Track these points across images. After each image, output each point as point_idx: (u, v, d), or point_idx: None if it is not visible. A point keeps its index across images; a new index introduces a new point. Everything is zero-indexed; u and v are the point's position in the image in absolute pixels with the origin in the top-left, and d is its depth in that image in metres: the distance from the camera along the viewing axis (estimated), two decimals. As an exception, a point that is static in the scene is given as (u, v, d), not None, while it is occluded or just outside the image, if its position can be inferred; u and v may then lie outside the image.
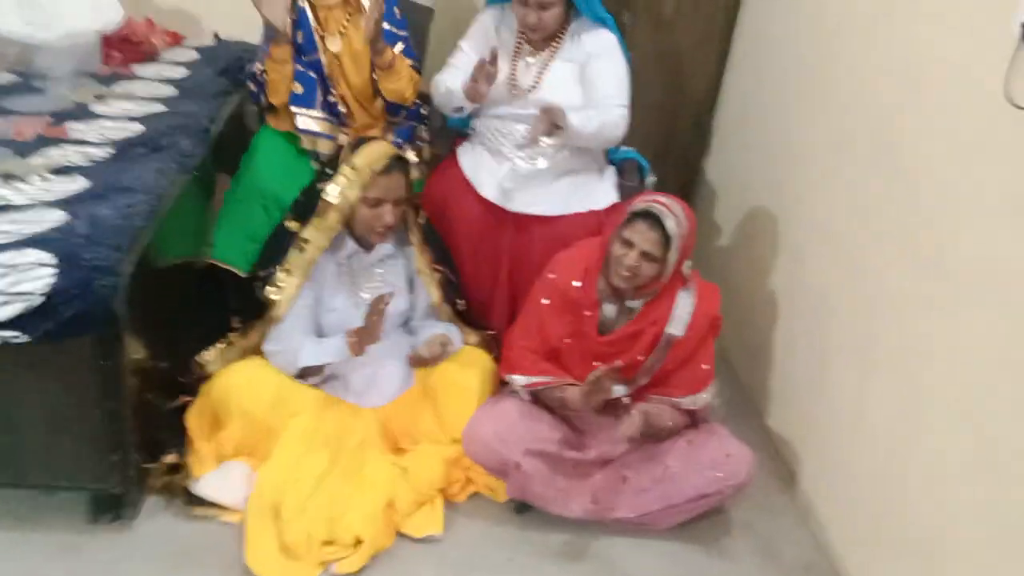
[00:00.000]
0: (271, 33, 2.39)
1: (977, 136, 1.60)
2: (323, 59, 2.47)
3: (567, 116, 2.18)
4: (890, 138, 1.91)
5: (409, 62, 2.54)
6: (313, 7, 2.47)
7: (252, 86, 2.52)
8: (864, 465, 1.93)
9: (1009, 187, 1.50)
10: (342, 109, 2.54)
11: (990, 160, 1.56)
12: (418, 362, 2.11)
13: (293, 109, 2.48)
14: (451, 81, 2.38)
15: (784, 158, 2.50)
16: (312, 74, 2.48)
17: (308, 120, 2.49)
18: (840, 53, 2.21)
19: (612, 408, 2.04)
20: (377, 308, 1.95)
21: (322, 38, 2.48)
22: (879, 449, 1.87)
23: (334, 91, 2.51)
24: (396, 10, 2.56)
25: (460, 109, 2.41)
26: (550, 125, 2.17)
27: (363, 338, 1.98)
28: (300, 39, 2.44)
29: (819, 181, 2.24)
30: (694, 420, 2.08)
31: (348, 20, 2.50)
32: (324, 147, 2.48)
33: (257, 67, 2.46)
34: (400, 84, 2.49)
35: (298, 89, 2.48)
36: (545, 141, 2.28)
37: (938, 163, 1.73)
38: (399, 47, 2.52)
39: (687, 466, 1.99)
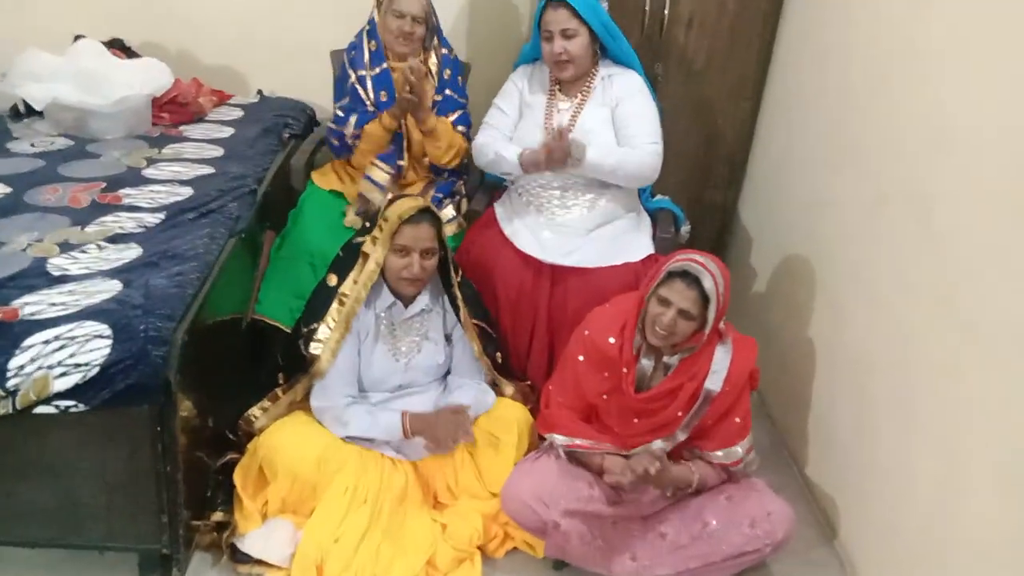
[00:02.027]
0: (358, 99, 2.54)
1: (1008, 199, 1.60)
2: (404, 120, 2.57)
3: (585, 148, 2.27)
4: (922, 198, 1.92)
5: (462, 129, 2.63)
6: (392, 68, 2.57)
7: (335, 142, 2.63)
8: (907, 523, 1.91)
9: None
10: (405, 163, 2.63)
11: (1021, 224, 1.56)
12: (434, 449, 2.12)
13: (375, 161, 2.59)
14: (500, 146, 2.44)
15: (819, 210, 2.50)
16: (399, 132, 2.59)
17: (379, 173, 2.58)
18: (869, 111, 2.22)
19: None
20: (454, 421, 2.06)
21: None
22: (921, 509, 1.85)
23: (405, 145, 2.63)
24: (460, 79, 2.67)
25: (508, 173, 2.48)
26: (565, 154, 2.25)
27: (420, 430, 2.06)
28: (384, 99, 2.56)
29: (855, 235, 2.25)
30: (731, 474, 2.08)
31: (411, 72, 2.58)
32: (377, 198, 2.56)
33: (350, 130, 2.57)
34: (438, 151, 2.59)
35: (390, 149, 2.60)
36: (558, 169, 2.34)
37: (970, 225, 1.73)
38: (457, 114, 2.63)
39: (727, 523, 1.98)
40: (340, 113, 2.61)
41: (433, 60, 2.63)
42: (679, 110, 2.90)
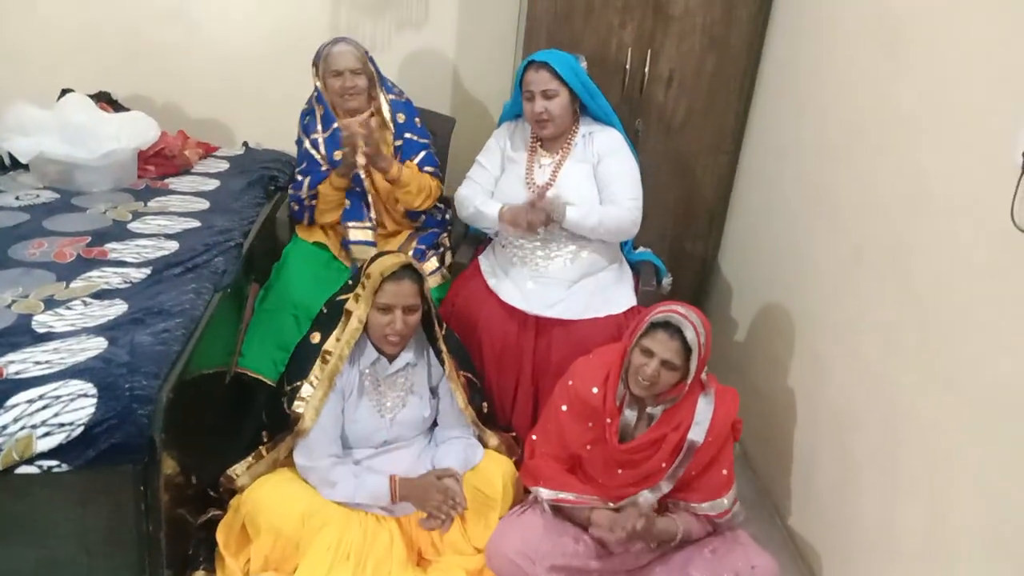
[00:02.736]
0: (312, 160, 2.54)
1: (986, 259, 1.64)
2: (360, 173, 2.60)
3: (565, 208, 2.34)
4: (901, 258, 1.95)
5: (430, 169, 2.66)
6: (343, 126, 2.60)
7: (295, 207, 2.67)
8: (892, 576, 1.92)
9: (1020, 311, 1.54)
10: (373, 214, 2.65)
11: (1000, 283, 1.59)
12: (431, 528, 2.07)
13: (346, 223, 2.62)
14: (480, 201, 2.50)
15: (797, 263, 2.55)
16: (357, 187, 2.60)
17: (358, 232, 2.61)
18: (844, 168, 2.28)
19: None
20: (444, 491, 2.03)
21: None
22: (905, 565, 1.86)
23: (370, 200, 2.65)
24: (416, 120, 2.70)
25: (488, 228, 2.52)
26: (545, 216, 2.32)
27: (407, 496, 2.04)
28: (338, 158, 2.58)
29: (834, 289, 2.29)
30: (716, 526, 2.09)
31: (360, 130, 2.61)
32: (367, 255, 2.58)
33: (304, 193, 2.61)
34: (409, 197, 2.62)
35: (347, 204, 2.61)
36: (540, 231, 2.40)
37: (949, 285, 1.76)
38: (421, 155, 2.66)
39: (712, 578, 1.98)
40: (298, 178, 2.66)
41: (385, 108, 2.66)
42: (659, 164, 2.96)
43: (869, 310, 2.09)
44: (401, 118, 2.67)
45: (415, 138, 2.68)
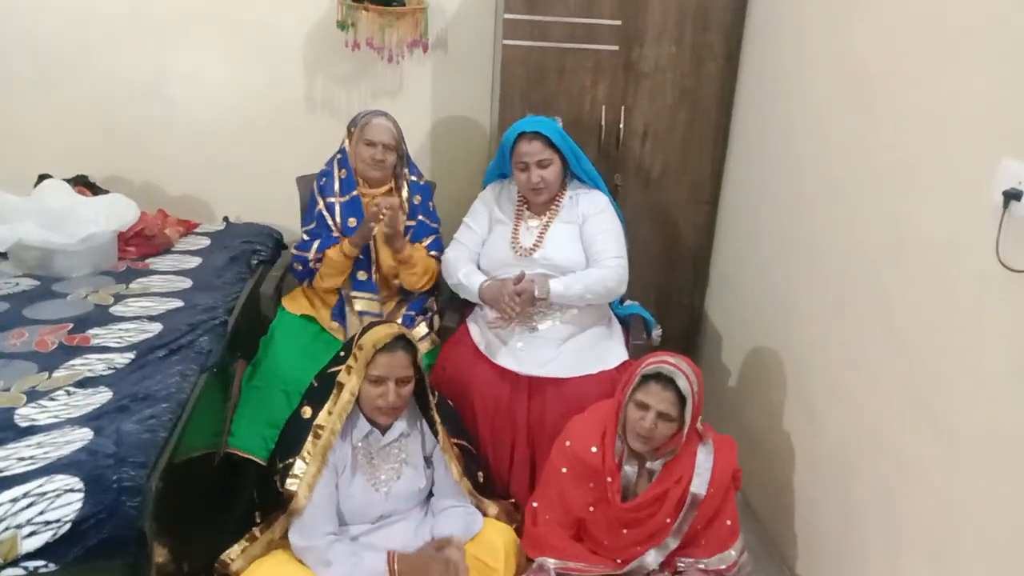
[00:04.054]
0: (324, 224, 2.58)
1: (972, 301, 1.65)
2: (370, 243, 2.61)
3: (548, 284, 2.37)
4: (884, 305, 1.96)
5: (435, 254, 2.68)
6: (361, 194, 2.61)
7: (298, 267, 2.66)
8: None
9: (1009, 351, 1.54)
10: (374, 282, 2.67)
11: (987, 323, 1.60)
12: None
13: (356, 294, 2.62)
14: (464, 273, 2.52)
15: (783, 311, 2.55)
16: (365, 259, 2.62)
17: (368, 303, 2.63)
18: (823, 220, 2.30)
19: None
20: (442, 568, 1.98)
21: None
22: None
23: (373, 268, 2.67)
24: (431, 204, 2.73)
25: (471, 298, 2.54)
26: (530, 298, 2.35)
27: (408, 572, 1.98)
28: (352, 225, 2.61)
29: (820, 337, 2.29)
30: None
31: (388, 209, 2.63)
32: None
33: (311, 255, 2.61)
34: (413, 278, 2.64)
35: (362, 276, 2.64)
36: (529, 311, 2.42)
37: (933, 329, 1.77)
38: (431, 239, 2.69)
39: (724, 636, 1.94)
40: (305, 237, 2.65)
41: (405, 188, 2.70)
42: (640, 217, 2.99)
43: (857, 357, 2.09)
44: (417, 200, 2.71)
45: (427, 222, 2.72)
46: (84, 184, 3.09)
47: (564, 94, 2.93)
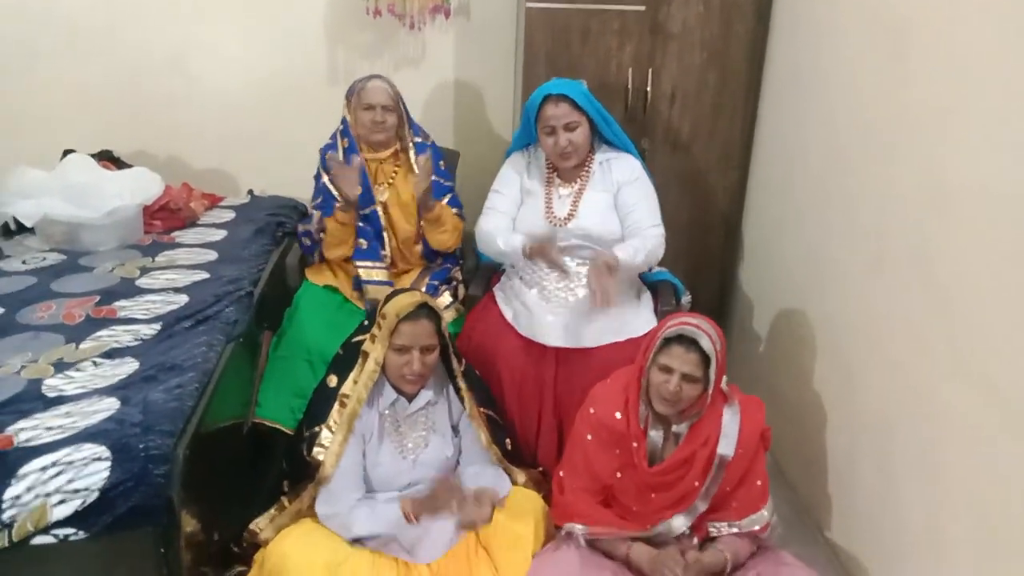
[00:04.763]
0: (329, 195, 2.51)
1: (1015, 250, 1.59)
2: (379, 210, 2.58)
3: (617, 256, 2.27)
4: (925, 258, 1.91)
5: (455, 211, 2.64)
6: (367, 161, 2.59)
7: (306, 241, 2.64)
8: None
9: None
10: (387, 253, 2.63)
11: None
12: (468, 526, 2.06)
13: (358, 263, 2.58)
14: (503, 239, 2.44)
15: (818, 271, 2.49)
16: (370, 228, 2.57)
17: (373, 272, 2.59)
18: (858, 173, 2.24)
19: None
20: (445, 488, 1.97)
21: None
22: (959, 572, 1.78)
23: (386, 237, 2.63)
24: (441, 163, 2.69)
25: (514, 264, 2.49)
26: (607, 273, 2.23)
27: (420, 511, 1.98)
28: (359, 191, 2.56)
29: (858, 296, 2.23)
30: (759, 543, 2.01)
31: (396, 172, 2.62)
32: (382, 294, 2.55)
33: (314, 227, 2.58)
34: (444, 235, 2.61)
35: (363, 244, 2.61)
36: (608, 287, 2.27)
37: (977, 282, 1.71)
38: (447, 197, 2.65)
39: (758, 604, 1.90)
40: (312, 212, 2.64)
41: (411, 150, 2.66)
42: (669, 182, 2.92)
43: (896, 314, 2.03)
44: (421, 161, 2.66)
45: (440, 180, 2.68)
46: (108, 159, 3.09)
47: (590, 57, 2.87)
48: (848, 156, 2.31)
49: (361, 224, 2.60)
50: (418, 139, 2.70)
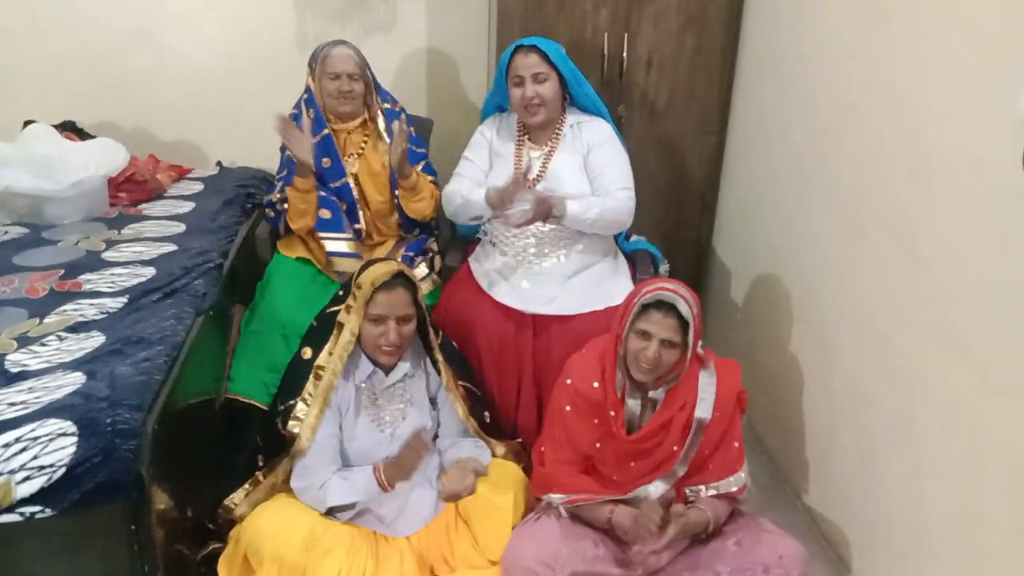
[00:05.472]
0: (292, 165, 2.45)
1: (997, 218, 1.57)
2: (350, 182, 2.50)
3: (565, 204, 2.26)
4: (905, 227, 1.90)
5: (430, 178, 2.60)
6: (334, 132, 2.52)
7: (270, 213, 2.57)
8: (922, 553, 1.84)
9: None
10: (362, 226, 2.58)
11: (1015, 241, 1.53)
12: (452, 497, 2.05)
13: (321, 235, 2.52)
14: (467, 191, 2.41)
15: (796, 241, 2.48)
16: (334, 198, 2.51)
17: (337, 243, 2.53)
18: (837, 143, 2.22)
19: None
20: (414, 445, 1.92)
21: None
22: (935, 537, 1.79)
23: (359, 210, 2.56)
24: (412, 129, 2.63)
25: (478, 217, 2.43)
26: (547, 212, 2.24)
27: (393, 475, 1.94)
28: (327, 165, 2.50)
29: (836, 266, 2.22)
30: (734, 505, 2.02)
31: (365, 142, 2.56)
32: (353, 267, 2.50)
33: (276, 196, 2.50)
34: (421, 203, 2.56)
35: (326, 215, 2.56)
36: (541, 228, 2.33)
37: (958, 250, 1.70)
38: (420, 165, 2.60)
39: (739, 572, 1.90)
40: (276, 183, 2.57)
41: (380, 118, 2.60)
42: (645, 150, 2.89)
43: (876, 283, 2.03)
44: (396, 127, 2.59)
45: (412, 148, 2.61)
46: (72, 130, 3.01)
47: (564, 22, 2.82)
48: (827, 123, 2.29)
49: (334, 198, 2.54)
50: (387, 106, 2.63)
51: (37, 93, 3.18)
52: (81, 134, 3.03)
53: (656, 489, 1.99)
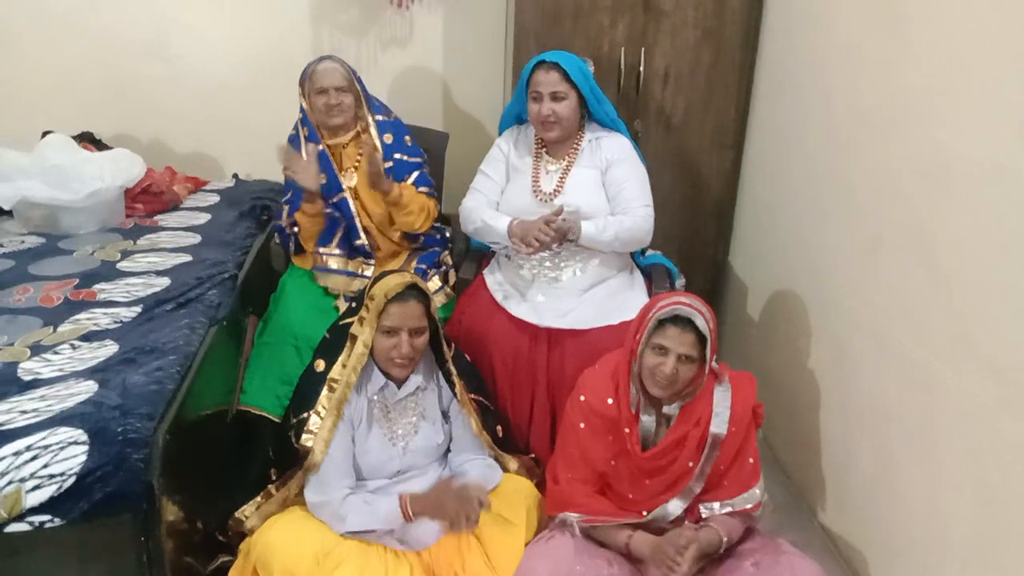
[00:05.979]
0: (297, 187, 2.45)
1: (1012, 227, 1.56)
2: (348, 196, 2.49)
3: (580, 226, 2.25)
4: (923, 239, 1.87)
5: (424, 190, 2.57)
6: (329, 147, 2.52)
7: (279, 238, 2.57)
8: (945, 574, 1.80)
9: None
10: (363, 241, 2.56)
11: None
12: (453, 531, 1.99)
13: (320, 250, 2.54)
14: (487, 214, 2.41)
15: (813, 254, 2.46)
16: (337, 214, 2.51)
17: (328, 259, 2.55)
18: (854, 155, 2.20)
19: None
20: (461, 495, 1.90)
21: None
22: (957, 555, 1.75)
23: (359, 225, 2.54)
24: (407, 139, 2.61)
25: (496, 243, 2.43)
26: (562, 236, 2.24)
27: (421, 511, 1.93)
28: (323, 181, 2.49)
29: (854, 279, 2.20)
30: (748, 522, 1.98)
31: (360, 155, 2.55)
32: (335, 284, 2.49)
33: (285, 221, 2.52)
34: (410, 217, 2.53)
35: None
36: (553, 248, 2.32)
37: (977, 262, 1.68)
38: (414, 176, 2.57)
39: (755, 592, 1.86)
40: (284, 207, 2.57)
41: (372, 129, 2.58)
42: (662, 164, 2.88)
43: (894, 296, 2.00)
44: (389, 139, 2.59)
45: (405, 158, 2.60)
46: (89, 140, 3.03)
47: (580, 36, 2.81)
48: (844, 136, 2.27)
49: (337, 214, 2.53)
50: (380, 117, 2.60)
51: (55, 104, 3.20)
52: (98, 145, 3.05)
53: (674, 507, 1.95)
